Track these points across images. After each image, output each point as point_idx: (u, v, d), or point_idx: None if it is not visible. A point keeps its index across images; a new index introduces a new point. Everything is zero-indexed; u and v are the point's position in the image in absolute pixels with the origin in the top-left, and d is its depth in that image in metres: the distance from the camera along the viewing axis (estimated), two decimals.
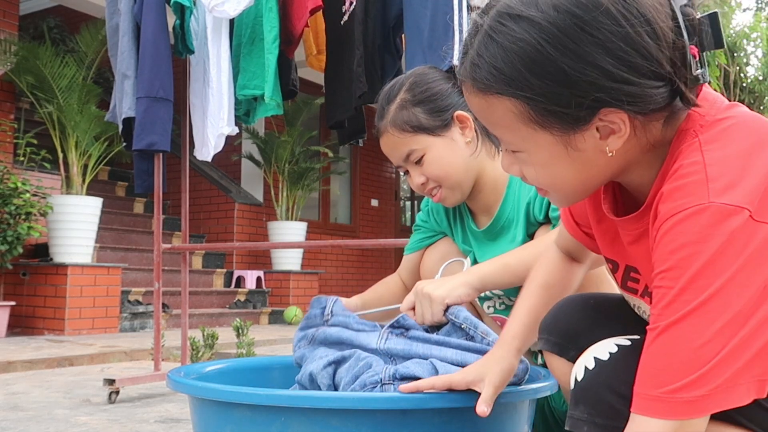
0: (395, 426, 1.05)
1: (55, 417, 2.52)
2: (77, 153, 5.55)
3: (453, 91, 1.53)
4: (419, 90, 1.51)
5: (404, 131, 1.49)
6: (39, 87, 5.49)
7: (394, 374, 1.14)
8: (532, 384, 1.16)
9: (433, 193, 1.55)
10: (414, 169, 1.53)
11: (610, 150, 0.85)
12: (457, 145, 1.52)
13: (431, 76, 1.54)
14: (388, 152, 1.55)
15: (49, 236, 5.50)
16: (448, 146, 1.51)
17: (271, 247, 8.10)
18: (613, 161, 0.87)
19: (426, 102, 1.50)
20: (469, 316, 1.26)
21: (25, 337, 5.13)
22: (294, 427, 1.04)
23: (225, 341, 4.21)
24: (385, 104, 1.53)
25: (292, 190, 7.74)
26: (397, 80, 1.58)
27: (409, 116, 1.49)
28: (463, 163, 1.52)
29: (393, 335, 1.27)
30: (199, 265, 7.34)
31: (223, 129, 2.91)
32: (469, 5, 2.32)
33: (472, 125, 1.53)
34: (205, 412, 1.15)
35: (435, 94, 1.51)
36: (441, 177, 1.51)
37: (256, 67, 2.83)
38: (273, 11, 2.73)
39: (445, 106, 1.51)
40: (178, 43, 2.84)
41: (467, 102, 0.91)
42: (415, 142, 1.49)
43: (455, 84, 1.53)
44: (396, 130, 1.50)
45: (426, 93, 1.51)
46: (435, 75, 1.55)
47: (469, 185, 1.55)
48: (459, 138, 1.52)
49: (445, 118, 1.50)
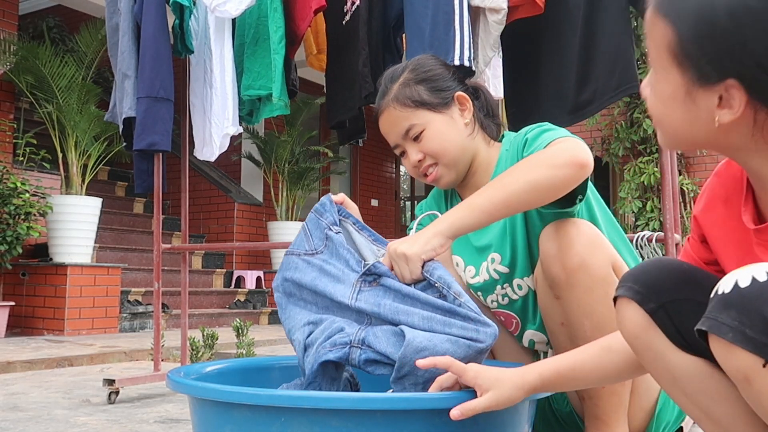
0: (395, 426, 1.05)
1: (55, 417, 2.52)
2: (77, 153, 5.55)
3: (453, 77, 1.61)
4: (422, 70, 1.58)
5: (406, 106, 1.54)
6: (38, 87, 5.49)
7: (363, 340, 1.24)
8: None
9: (429, 172, 1.57)
10: (412, 146, 1.56)
11: (719, 121, 0.89)
12: (456, 124, 1.57)
13: (433, 61, 1.63)
14: (387, 129, 1.58)
15: (49, 236, 5.50)
16: (448, 123, 1.55)
17: (271, 247, 8.10)
18: (717, 135, 0.92)
19: (428, 81, 1.56)
20: (444, 274, 1.27)
21: (24, 338, 5.13)
22: (294, 427, 1.04)
23: (225, 341, 4.21)
24: (389, 84, 1.58)
25: (292, 190, 7.74)
26: (400, 65, 1.64)
27: (411, 92, 1.54)
28: (460, 142, 1.56)
29: (366, 285, 1.31)
30: (198, 265, 7.34)
31: (228, 129, 2.91)
32: (470, 5, 2.32)
33: (471, 108, 1.59)
34: (205, 413, 1.15)
35: (437, 74, 1.58)
36: (438, 153, 1.54)
37: (261, 67, 2.82)
38: (278, 11, 2.72)
39: (446, 86, 1.57)
40: (177, 43, 2.83)
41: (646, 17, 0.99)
42: (415, 117, 1.54)
43: (454, 72, 1.63)
44: (398, 105, 1.54)
45: (429, 73, 1.58)
46: (436, 60, 1.64)
47: (465, 166, 1.59)
48: (458, 118, 1.57)
49: (445, 96, 1.56)
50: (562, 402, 1.57)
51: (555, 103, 2.39)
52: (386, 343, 1.22)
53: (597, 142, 8.15)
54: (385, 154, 10.35)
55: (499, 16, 2.32)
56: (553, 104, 2.39)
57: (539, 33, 2.43)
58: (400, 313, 1.24)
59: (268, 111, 2.91)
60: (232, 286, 7.38)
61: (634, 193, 7.37)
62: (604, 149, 8.00)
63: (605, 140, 8.03)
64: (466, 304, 1.22)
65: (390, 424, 1.04)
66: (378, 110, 1.60)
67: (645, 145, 7.50)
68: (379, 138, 1.68)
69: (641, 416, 1.49)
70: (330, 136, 8.34)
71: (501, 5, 2.31)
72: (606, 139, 8.02)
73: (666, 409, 1.51)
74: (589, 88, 2.32)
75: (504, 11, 2.32)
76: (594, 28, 2.31)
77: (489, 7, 2.32)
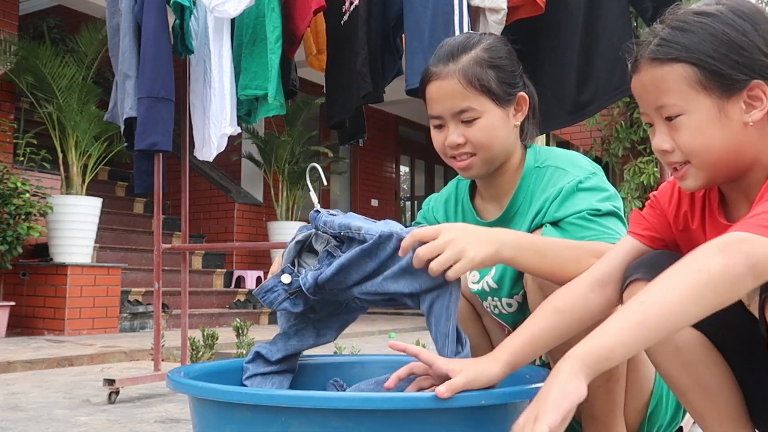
0: (396, 426, 1.05)
1: (55, 417, 2.52)
2: (77, 153, 5.55)
3: (520, 74, 1.52)
4: (496, 55, 1.48)
5: (472, 86, 1.44)
6: (39, 87, 5.49)
7: (341, 224, 1.29)
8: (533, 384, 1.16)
9: (462, 158, 1.49)
10: (457, 127, 1.47)
11: (752, 120, 1.04)
12: (508, 124, 1.50)
13: (506, 49, 1.52)
14: (437, 98, 1.48)
15: (49, 236, 5.50)
16: (502, 121, 1.48)
17: (271, 247, 8.09)
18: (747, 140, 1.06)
19: (500, 69, 1.47)
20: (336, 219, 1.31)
21: (25, 337, 5.13)
22: (294, 427, 1.04)
23: (225, 341, 4.21)
24: (458, 51, 1.47)
25: (292, 190, 7.74)
26: (472, 34, 1.54)
27: (482, 74, 1.45)
28: (506, 141, 1.50)
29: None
30: (199, 265, 7.34)
31: (225, 129, 2.91)
32: (469, 5, 2.32)
33: (525, 112, 1.52)
34: (205, 412, 1.15)
35: (510, 67, 1.50)
36: (483, 145, 1.47)
37: (258, 67, 2.82)
38: (275, 11, 2.72)
39: (514, 82, 1.49)
40: (177, 43, 2.83)
41: (634, 83, 1.12)
42: (476, 102, 1.45)
43: (521, 69, 1.53)
44: (464, 81, 1.44)
45: (503, 61, 1.48)
46: (509, 50, 1.53)
47: (498, 164, 1.52)
48: (512, 118, 1.50)
49: (510, 93, 1.48)
50: None
51: (555, 103, 2.40)
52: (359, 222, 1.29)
53: (597, 142, 8.15)
54: (385, 154, 10.35)
55: (498, 16, 2.32)
56: (554, 104, 2.39)
57: (540, 33, 2.43)
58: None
59: (265, 111, 2.91)
60: (232, 286, 7.38)
61: (634, 193, 7.37)
62: (604, 149, 8.00)
63: (605, 140, 8.04)
64: (368, 232, 1.25)
65: (390, 424, 1.04)
66: (433, 73, 1.48)
67: (645, 145, 7.50)
68: (379, 138, 1.67)
69: (633, 418, 1.49)
70: (330, 136, 8.34)
71: (501, 5, 2.31)
72: (606, 139, 8.02)
73: (658, 412, 1.50)
74: (589, 89, 2.33)
75: (504, 11, 2.32)
76: (594, 29, 2.31)
77: (489, 7, 2.32)
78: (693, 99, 1.06)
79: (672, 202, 1.22)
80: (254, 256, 8.08)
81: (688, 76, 1.05)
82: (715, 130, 1.06)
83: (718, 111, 1.05)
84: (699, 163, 1.08)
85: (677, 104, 1.07)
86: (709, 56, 1.04)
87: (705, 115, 1.06)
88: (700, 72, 1.05)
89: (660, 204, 1.24)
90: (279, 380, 1.40)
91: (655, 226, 1.24)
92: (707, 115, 1.06)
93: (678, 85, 1.06)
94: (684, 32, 1.06)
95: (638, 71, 1.11)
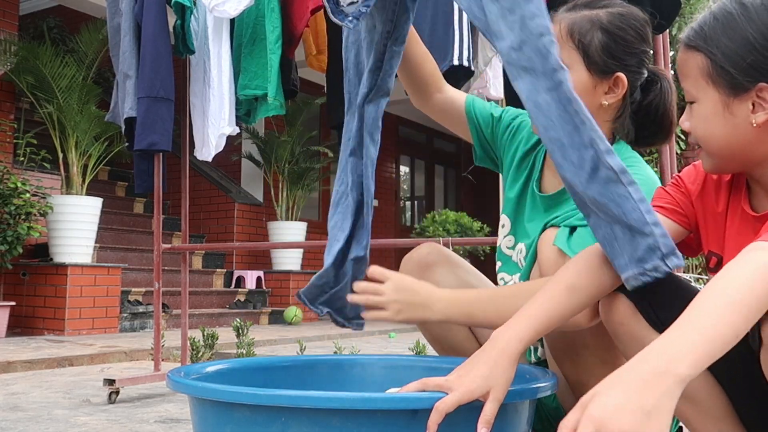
0: (396, 426, 1.05)
1: (55, 417, 2.52)
2: (77, 153, 5.56)
3: (641, 58, 1.41)
4: (618, 24, 1.39)
5: (571, 38, 1.38)
6: (39, 87, 5.49)
7: None
8: (533, 384, 1.16)
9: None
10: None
11: (756, 122, 1.04)
12: (595, 94, 1.40)
13: (637, 25, 1.41)
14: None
15: (49, 236, 5.51)
16: (587, 86, 1.39)
17: (271, 247, 8.11)
18: (754, 139, 1.06)
19: (612, 36, 1.38)
20: None
21: (25, 337, 5.13)
22: (294, 427, 1.04)
23: (225, 341, 4.21)
24: (581, 5, 1.41)
25: (292, 190, 7.74)
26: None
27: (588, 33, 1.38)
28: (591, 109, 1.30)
29: None
30: (199, 265, 7.35)
31: (224, 129, 2.91)
32: None
33: (618, 96, 1.41)
34: (205, 412, 1.15)
35: (631, 37, 1.40)
36: None
37: (258, 67, 2.83)
38: (275, 11, 2.73)
39: (622, 59, 1.39)
40: (178, 43, 2.83)
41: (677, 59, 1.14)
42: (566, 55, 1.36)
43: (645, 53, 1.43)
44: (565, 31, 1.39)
45: (620, 32, 1.39)
46: (639, 26, 1.41)
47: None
48: (601, 94, 1.41)
49: (609, 65, 1.39)
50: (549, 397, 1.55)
51: None
52: None
53: None
54: (385, 154, 10.34)
55: None
56: None
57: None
58: None
59: (264, 111, 2.92)
60: (232, 286, 7.39)
61: None
62: None
63: None
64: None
65: (390, 424, 1.04)
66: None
67: None
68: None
69: None
70: (330, 136, 8.34)
71: None
72: None
73: None
74: None
75: None
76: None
77: None
78: (703, 89, 1.08)
79: (696, 183, 1.22)
80: (254, 256, 8.08)
81: (703, 66, 1.07)
82: (717, 124, 1.08)
83: (723, 106, 1.06)
84: (706, 150, 1.12)
85: (691, 91, 1.11)
86: (722, 52, 1.05)
87: (711, 107, 1.08)
88: (711, 65, 1.06)
89: (684, 183, 1.24)
90: None
91: (679, 202, 1.23)
92: (713, 107, 1.08)
93: (694, 73, 1.09)
94: (716, 21, 1.07)
95: (679, 50, 1.14)
